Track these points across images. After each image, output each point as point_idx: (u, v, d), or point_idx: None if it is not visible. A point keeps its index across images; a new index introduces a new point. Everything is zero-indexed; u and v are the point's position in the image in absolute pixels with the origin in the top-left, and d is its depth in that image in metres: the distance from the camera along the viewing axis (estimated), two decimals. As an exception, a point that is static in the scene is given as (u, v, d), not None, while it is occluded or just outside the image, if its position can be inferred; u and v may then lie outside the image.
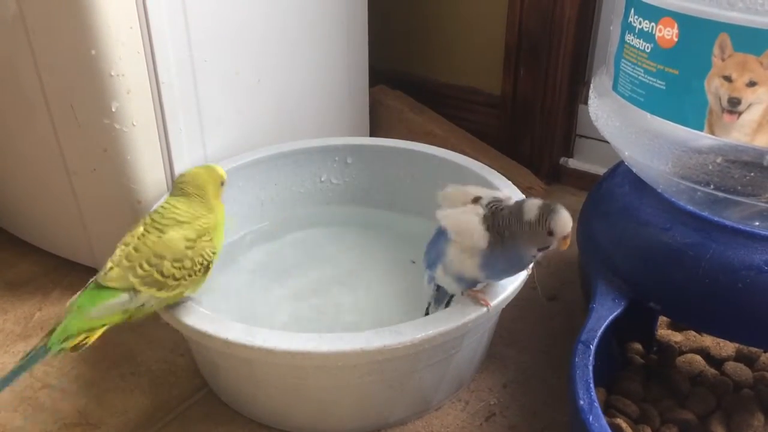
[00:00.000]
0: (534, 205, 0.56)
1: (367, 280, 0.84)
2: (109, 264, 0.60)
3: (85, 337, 0.58)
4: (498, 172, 0.84)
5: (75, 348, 0.58)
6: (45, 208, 0.88)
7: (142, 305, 0.59)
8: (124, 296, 0.58)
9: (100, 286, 0.59)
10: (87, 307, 0.58)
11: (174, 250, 0.60)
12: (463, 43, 1.16)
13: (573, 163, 1.13)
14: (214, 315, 0.60)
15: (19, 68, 0.76)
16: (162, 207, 0.63)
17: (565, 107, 1.07)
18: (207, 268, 0.62)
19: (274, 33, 0.89)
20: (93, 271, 0.88)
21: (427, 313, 0.70)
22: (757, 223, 0.59)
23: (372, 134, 1.15)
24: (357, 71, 1.05)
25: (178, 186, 0.65)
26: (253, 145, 0.91)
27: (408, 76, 1.23)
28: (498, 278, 0.63)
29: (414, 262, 0.85)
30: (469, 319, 0.60)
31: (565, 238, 0.56)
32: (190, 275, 0.60)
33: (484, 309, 0.61)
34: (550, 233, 0.55)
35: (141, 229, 0.61)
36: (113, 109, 0.73)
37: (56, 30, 0.70)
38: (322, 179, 0.95)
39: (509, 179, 0.82)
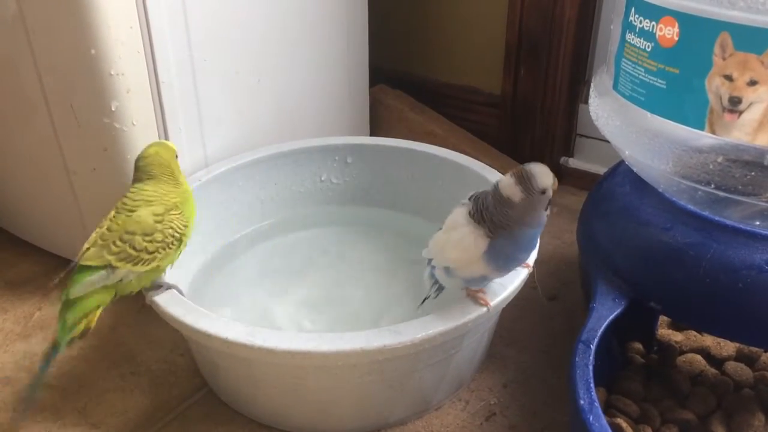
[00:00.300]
0: (508, 183, 0.55)
1: (367, 280, 0.84)
2: (85, 245, 0.62)
3: (87, 322, 0.62)
4: (498, 171, 0.84)
5: (82, 335, 0.62)
6: (45, 207, 0.88)
7: (121, 280, 0.62)
8: (102, 273, 0.61)
9: (81, 268, 0.61)
10: (72, 289, 0.61)
11: (143, 225, 0.62)
12: (463, 43, 1.16)
13: (573, 162, 1.12)
14: (214, 315, 0.60)
15: (19, 68, 0.76)
16: (131, 191, 0.65)
17: (565, 107, 1.07)
18: (180, 241, 0.64)
19: (274, 33, 0.89)
20: (93, 270, 0.89)
21: (422, 305, 0.69)
22: (757, 223, 0.59)
23: (372, 134, 1.15)
24: (357, 71, 1.05)
25: (142, 169, 0.65)
26: (253, 144, 0.91)
27: (408, 76, 1.23)
28: (507, 266, 0.61)
29: (414, 263, 0.85)
30: (469, 319, 0.60)
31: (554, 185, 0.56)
32: (163, 248, 0.62)
33: (484, 309, 0.61)
34: (543, 191, 0.55)
35: (112, 212, 0.64)
36: (113, 109, 0.73)
37: (56, 29, 0.70)
38: (322, 179, 0.95)
39: (509, 179, 0.82)
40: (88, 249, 0.62)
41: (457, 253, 0.58)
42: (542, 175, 0.55)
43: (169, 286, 0.64)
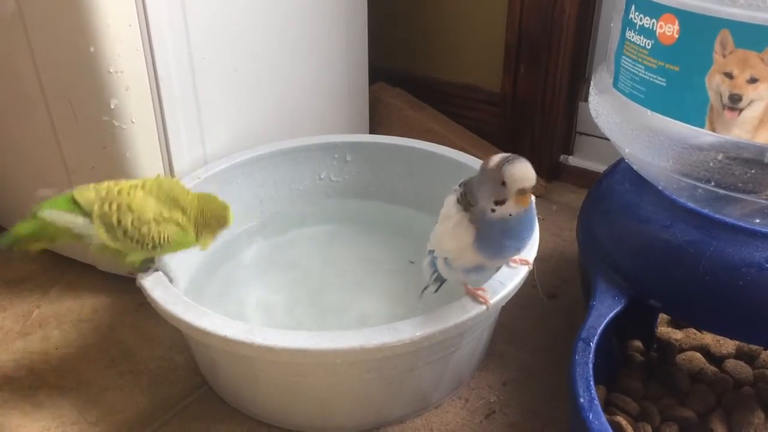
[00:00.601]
0: (498, 156, 0.53)
1: (366, 278, 0.84)
2: (91, 186, 0.63)
3: (34, 242, 0.63)
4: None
5: (10, 248, 0.63)
6: (44, 205, 0.88)
7: (88, 236, 0.62)
8: (79, 219, 0.62)
9: (68, 200, 0.62)
10: (48, 210, 0.62)
11: (142, 213, 0.62)
12: (463, 41, 1.16)
13: (573, 160, 1.12)
14: (213, 312, 0.60)
15: (18, 66, 0.76)
16: (170, 180, 0.66)
17: (565, 105, 1.07)
18: (154, 248, 0.64)
19: (274, 30, 0.89)
20: (91, 268, 0.89)
21: (422, 295, 0.69)
22: (757, 221, 0.59)
23: (372, 131, 1.14)
24: (357, 68, 1.05)
25: (198, 204, 0.66)
26: (252, 142, 0.91)
27: (408, 74, 1.23)
28: (502, 253, 0.59)
29: (413, 262, 0.85)
30: (469, 316, 0.60)
31: (521, 193, 0.51)
32: (138, 241, 0.62)
33: (484, 307, 0.61)
34: (503, 183, 0.51)
35: (138, 182, 0.64)
36: (112, 106, 0.73)
37: (55, 27, 0.70)
38: (322, 177, 0.95)
39: (509, 177, 0.82)
40: (89, 189, 0.62)
41: (452, 242, 0.58)
42: (516, 168, 0.51)
43: (157, 269, 0.65)
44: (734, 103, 0.55)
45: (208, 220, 0.66)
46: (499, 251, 0.58)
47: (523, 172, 0.51)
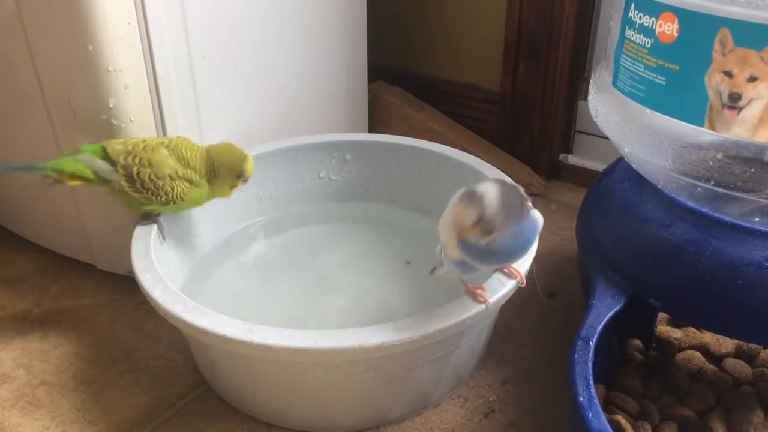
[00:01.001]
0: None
1: (365, 277, 0.84)
2: (121, 140, 0.72)
3: (71, 178, 0.71)
4: (497, 168, 0.84)
5: (56, 181, 0.71)
6: (43, 204, 0.88)
7: (110, 182, 0.70)
8: (106, 165, 0.70)
9: (103, 148, 0.71)
10: (85, 154, 0.70)
11: (159, 168, 0.70)
12: (462, 39, 1.16)
13: (572, 159, 1.12)
14: (213, 312, 0.60)
15: (16, 64, 0.76)
16: (189, 143, 0.72)
17: (564, 103, 1.07)
18: (168, 202, 0.71)
19: (273, 28, 0.88)
20: (91, 267, 0.89)
21: (432, 273, 0.70)
22: (757, 220, 0.59)
23: (371, 130, 1.14)
24: (356, 67, 1.05)
25: (210, 154, 0.72)
26: (251, 141, 0.90)
27: (407, 72, 1.23)
28: (484, 260, 0.58)
29: (409, 263, 0.85)
30: (468, 315, 0.60)
31: (461, 234, 0.54)
32: (152, 193, 0.70)
33: (483, 306, 0.61)
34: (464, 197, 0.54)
35: (168, 139, 0.72)
36: (111, 105, 0.73)
37: (53, 26, 0.70)
38: (321, 175, 0.95)
39: (508, 176, 0.82)
40: (119, 144, 0.71)
41: (443, 233, 0.58)
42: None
43: (155, 221, 0.73)
44: (734, 101, 0.54)
45: (220, 171, 0.72)
46: (485, 259, 0.59)
47: (454, 215, 0.54)
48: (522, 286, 0.64)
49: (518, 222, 0.55)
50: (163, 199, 0.70)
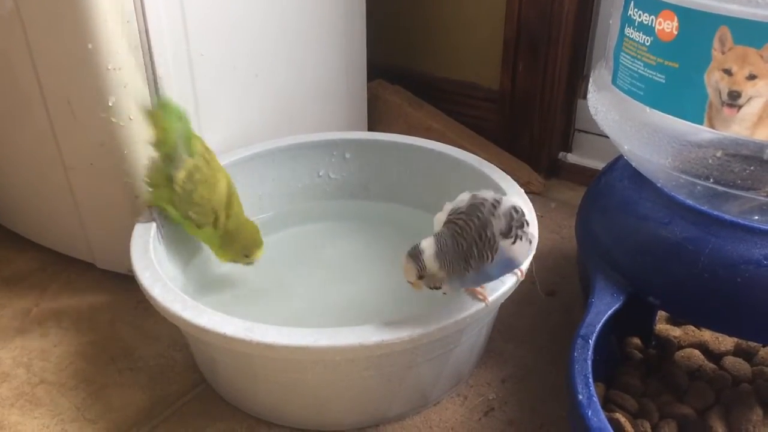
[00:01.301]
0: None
1: (365, 275, 0.84)
2: (205, 144, 0.75)
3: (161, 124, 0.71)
4: (496, 167, 0.84)
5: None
6: (42, 203, 0.88)
7: (176, 161, 0.71)
8: (183, 152, 0.71)
9: (192, 136, 0.73)
10: (183, 120, 0.73)
11: (209, 193, 0.73)
12: (461, 38, 1.16)
13: (572, 157, 1.12)
14: (212, 310, 0.60)
15: (16, 63, 0.75)
16: (236, 198, 0.77)
17: (563, 102, 1.07)
18: (188, 218, 0.73)
19: (272, 27, 0.88)
20: (90, 266, 0.89)
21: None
22: (756, 217, 0.59)
23: (370, 129, 1.14)
24: (355, 65, 1.04)
25: (230, 227, 0.76)
26: (250, 139, 0.90)
27: (407, 71, 1.23)
28: (470, 285, 0.60)
29: None
30: (468, 314, 0.60)
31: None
32: (187, 201, 0.72)
33: (483, 304, 0.61)
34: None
35: (227, 176, 0.76)
36: (110, 104, 0.73)
37: (53, 24, 0.70)
38: (320, 174, 0.95)
39: (508, 174, 0.82)
40: (202, 143, 0.74)
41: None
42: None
43: (153, 219, 0.73)
44: (733, 99, 0.54)
45: (233, 243, 0.76)
46: (467, 285, 0.60)
47: (402, 267, 0.57)
48: (521, 279, 0.65)
49: (468, 273, 0.56)
50: (190, 214, 0.72)
